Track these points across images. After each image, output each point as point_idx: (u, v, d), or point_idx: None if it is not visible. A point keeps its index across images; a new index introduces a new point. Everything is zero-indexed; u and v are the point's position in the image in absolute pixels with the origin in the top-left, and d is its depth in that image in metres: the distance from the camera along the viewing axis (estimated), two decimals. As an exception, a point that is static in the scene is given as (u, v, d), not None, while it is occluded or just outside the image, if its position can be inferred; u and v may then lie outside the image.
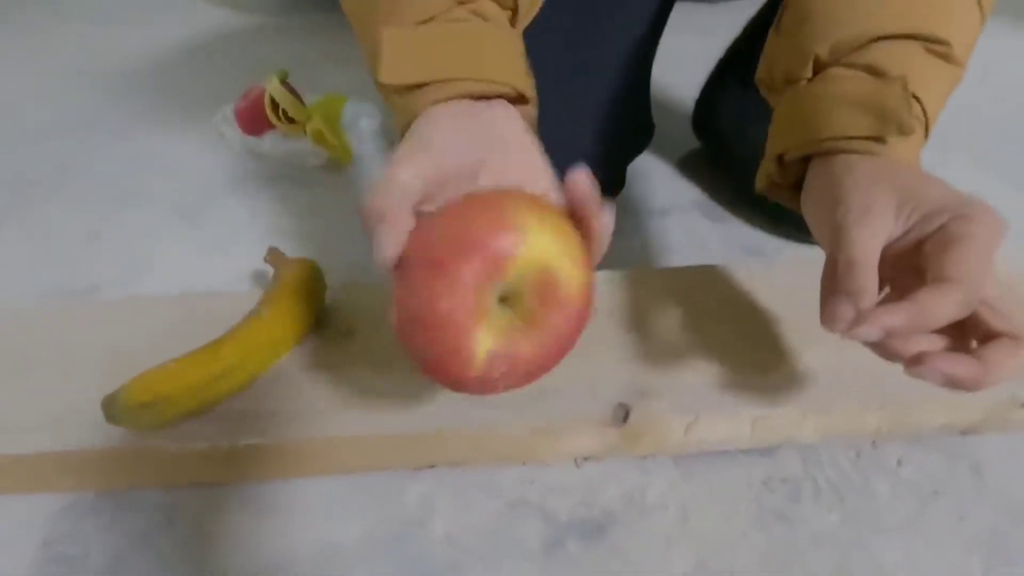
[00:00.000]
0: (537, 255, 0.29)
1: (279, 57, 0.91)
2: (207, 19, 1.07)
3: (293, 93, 0.72)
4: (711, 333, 0.46)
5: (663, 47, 0.60)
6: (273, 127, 0.72)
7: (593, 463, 0.43)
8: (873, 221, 0.32)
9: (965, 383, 0.29)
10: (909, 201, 0.32)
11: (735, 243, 0.63)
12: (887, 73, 0.36)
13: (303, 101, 0.72)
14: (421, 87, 0.37)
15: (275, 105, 0.71)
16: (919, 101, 0.36)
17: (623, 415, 0.41)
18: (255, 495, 0.42)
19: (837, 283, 0.31)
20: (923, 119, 0.36)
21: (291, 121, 0.71)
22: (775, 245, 0.63)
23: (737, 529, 0.40)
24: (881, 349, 0.31)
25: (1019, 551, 0.39)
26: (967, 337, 0.32)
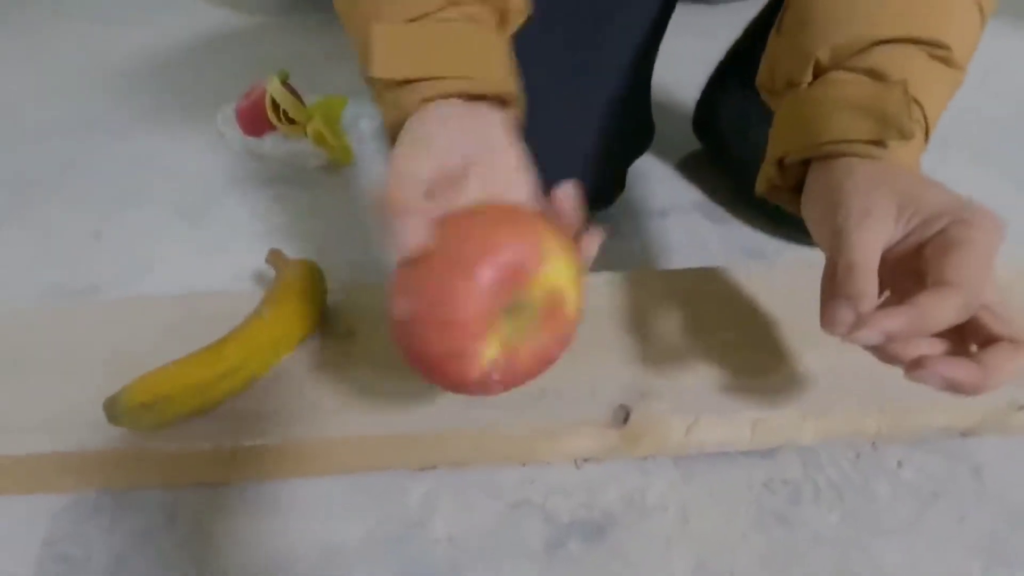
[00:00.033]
0: (553, 278, 0.31)
1: (279, 57, 0.91)
2: (207, 19, 1.07)
3: (294, 94, 0.72)
4: (711, 335, 0.46)
5: (663, 49, 0.60)
6: (274, 128, 0.72)
7: (593, 464, 0.44)
8: (873, 225, 0.32)
9: (965, 387, 0.29)
10: (909, 205, 0.32)
11: (735, 244, 0.63)
12: (888, 77, 0.36)
13: (303, 101, 0.72)
14: (412, 83, 0.37)
15: (276, 106, 0.71)
16: (920, 105, 0.36)
17: (623, 416, 0.42)
18: (256, 495, 0.42)
19: (837, 287, 0.31)
20: (923, 123, 0.36)
21: (292, 122, 0.71)
22: (775, 247, 0.63)
23: (737, 530, 0.40)
24: (881, 353, 0.31)
25: (1018, 553, 0.39)
26: (967, 341, 0.32)
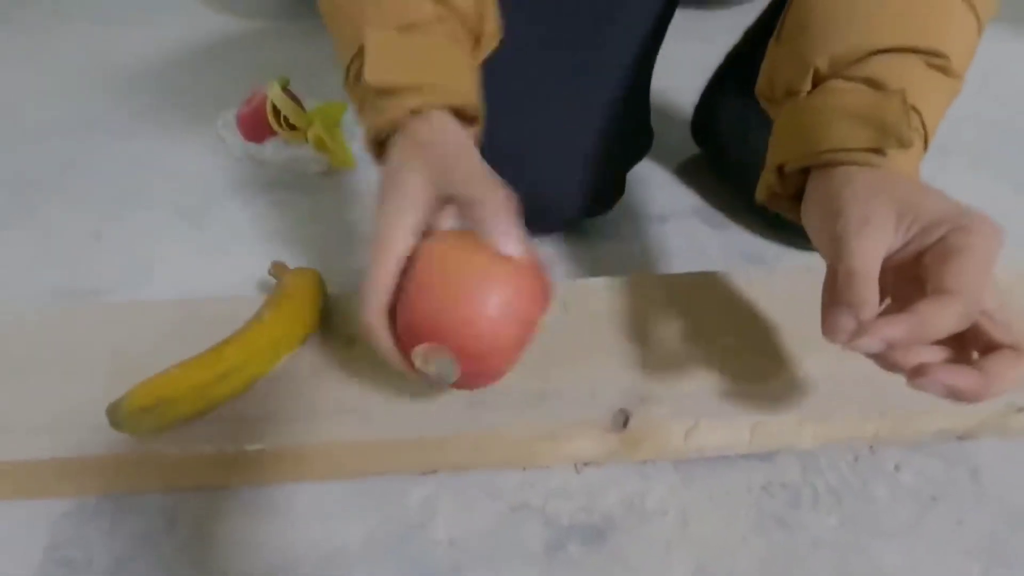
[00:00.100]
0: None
1: (280, 62, 0.91)
2: (207, 22, 1.07)
3: (294, 99, 0.72)
4: (711, 339, 0.46)
5: (662, 53, 0.60)
6: (275, 133, 0.72)
7: (593, 468, 0.44)
8: (872, 232, 0.32)
9: (966, 395, 0.30)
10: (908, 213, 0.32)
11: (735, 249, 0.63)
12: (886, 86, 0.36)
13: (304, 107, 0.72)
14: (400, 92, 0.38)
15: (277, 112, 0.71)
16: (918, 113, 0.36)
17: (623, 420, 0.42)
18: (256, 498, 0.42)
19: (837, 294, 0.31)
20: (922, 131, 0.37)
21: (292, 128, 0.71)
22: (775, 252, 0.63)
23: (737, 534, 0.41)
24: (882, 360, 0.31)
25: (1017, 556, 0.39)
26: (967, 348, 0.32)
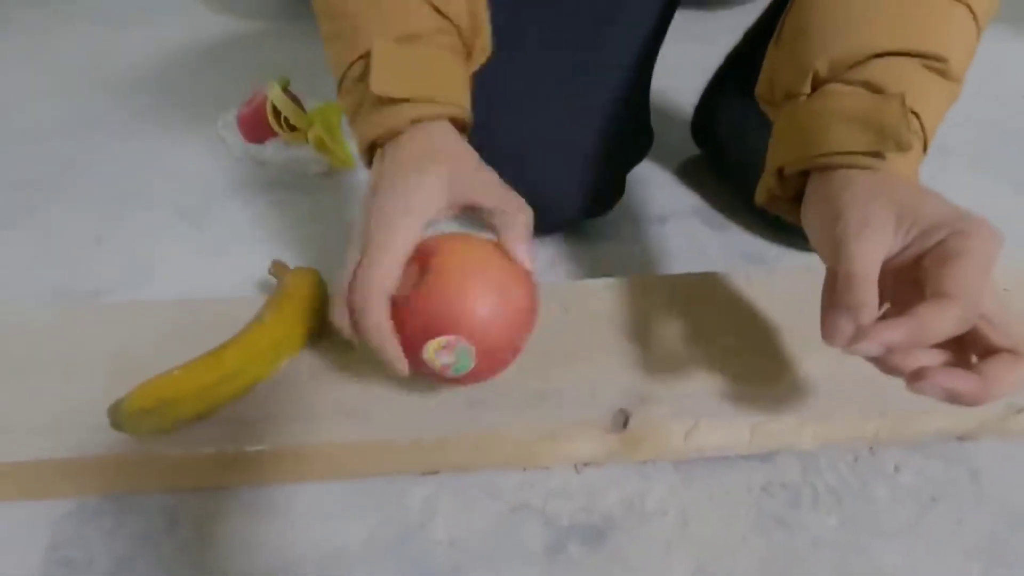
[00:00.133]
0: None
1: (280, 63, 0.91)
2: (207, 23, 1.07)
3: (294, 100, 0.72)
4: (711, 340, 0.46)
5: (662, 54, 0.61)
6: (275, 134, 0.72)
7: (593, 468, 0.44)
8: (872, 235, 0.32)
9: (966, 398, 0.30)
10: (907, 216, 0.32)
11: (735, 250, 0.63)
12: (886, 89, 0.36)
13: (304, 108, 0.72)
14: (402, 102, 0.39)
15: (277, 112, 0.71)
16: (917, 117, 0.36)
17: (623, 420, 0.42)
18: (257, 498, 0.42)
19: (837, 297, 0.31)
20: (921, 135, 0.37)
21: (293, 128, 0.71)
22: (775, 252, 0.63)
23: (737, 534, 0.41)
24: (882, 364, 0.31)
25: (1017, 556, 0.40)
26: (967, 352, 0.32)
